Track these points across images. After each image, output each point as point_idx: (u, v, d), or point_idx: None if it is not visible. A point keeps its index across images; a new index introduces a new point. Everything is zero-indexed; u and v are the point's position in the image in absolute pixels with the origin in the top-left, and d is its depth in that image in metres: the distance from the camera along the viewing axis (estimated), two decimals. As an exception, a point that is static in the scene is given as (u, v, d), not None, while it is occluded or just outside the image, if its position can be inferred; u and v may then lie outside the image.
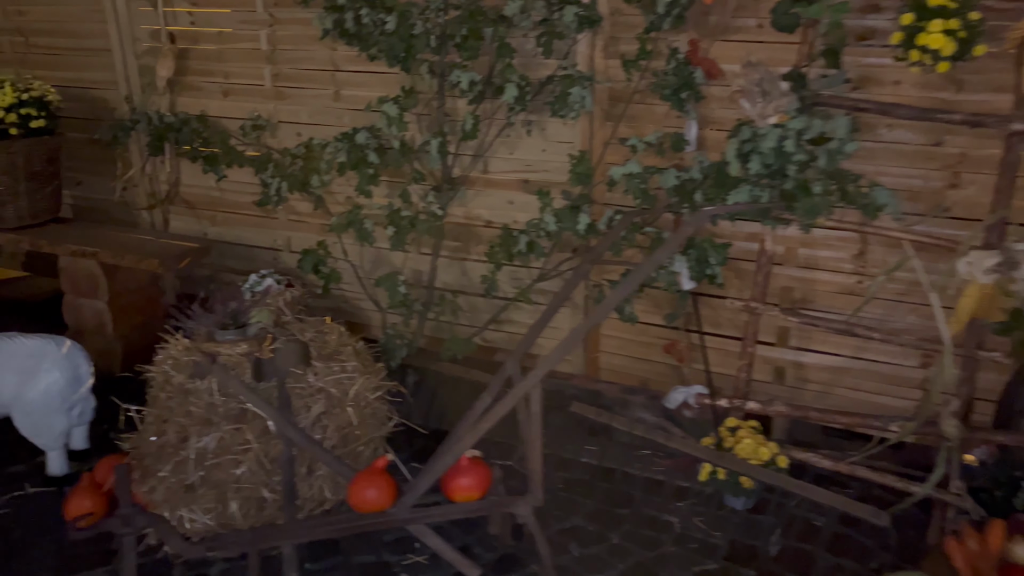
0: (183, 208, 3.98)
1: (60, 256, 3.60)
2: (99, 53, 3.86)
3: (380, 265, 3.59)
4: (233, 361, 2.71)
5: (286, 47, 3.47)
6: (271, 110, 3.58)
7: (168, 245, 3.62)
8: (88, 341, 3.63)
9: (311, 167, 3.43)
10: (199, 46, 3.64)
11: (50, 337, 2.76)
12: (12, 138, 3.57)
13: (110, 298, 3.57)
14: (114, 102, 3.93)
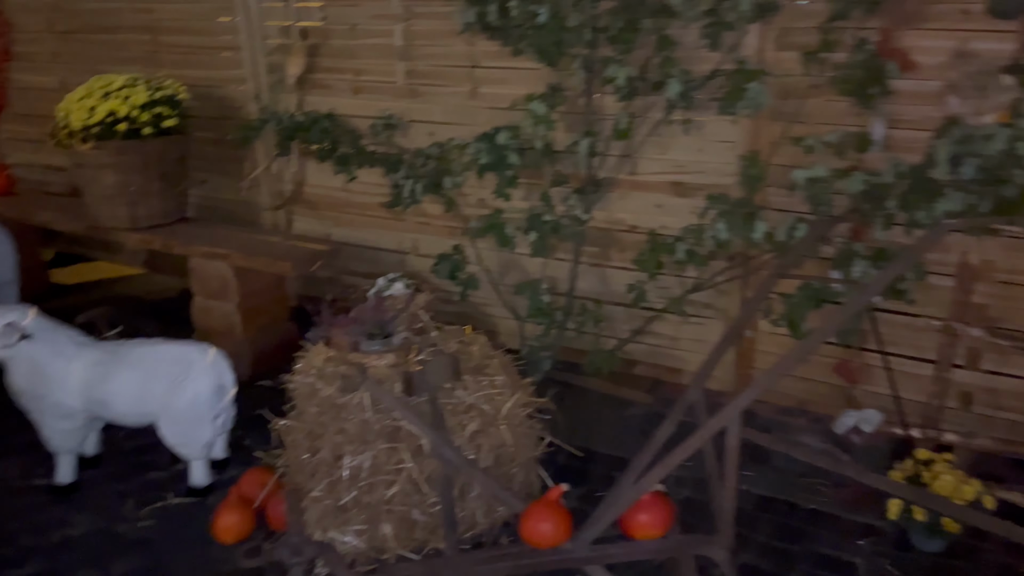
0: (306, 209, 3.90)
1: (191, 258, 3.55)
2: (227, 51, 3.80)
3: (510, 270, 3.43)
4: (380, 374, 2.58)
5: (421, 42, 3.33)
6: (403, 108, 3.45)
7: (297, 247, 3.53)
8: (216, 344, 3.58)
9: (444, 168, 3.29)
10: (330, 42, 3.53)
11: (194, 343, 2.69)
12: (145, 138, 3.54)
13: (239, 300, 3.50)
14: (240, 100, 3.87)
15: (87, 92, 3.51)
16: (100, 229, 3.76)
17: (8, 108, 4.75)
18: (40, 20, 4.37)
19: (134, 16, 4.02)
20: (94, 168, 3.56)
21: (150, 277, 4.83)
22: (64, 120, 3.53)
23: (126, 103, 3.47)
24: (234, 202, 4.10)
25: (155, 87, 3.57)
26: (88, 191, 3.66)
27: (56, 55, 4.39)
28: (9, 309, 2.60)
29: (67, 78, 4.42)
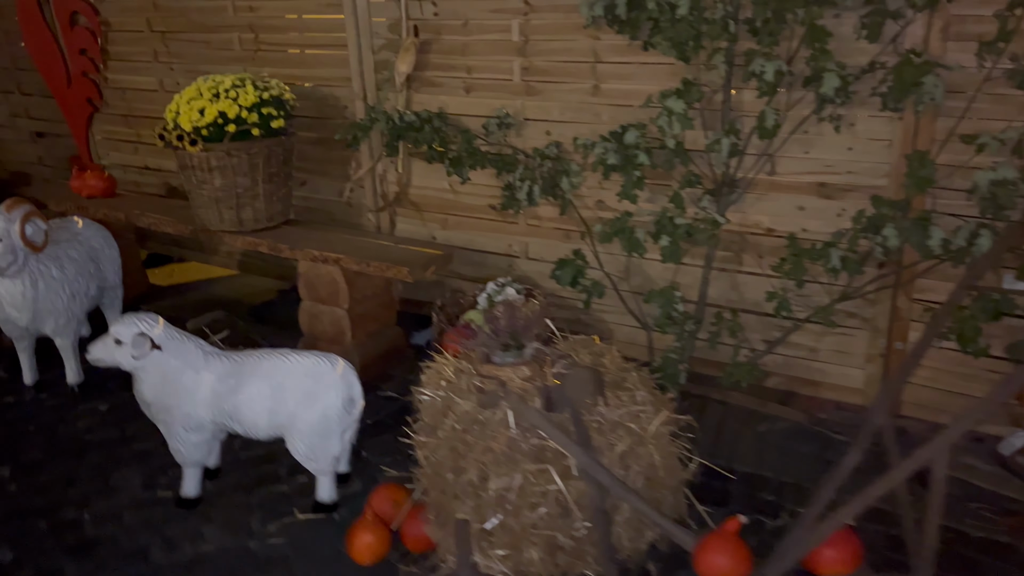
0: (410, 210, 3.80)
1: (300, 261, 3.48)
2: (332, 49, 3.71)
3: (631, 275, 3.28)
4: (515, 388, 2.45)
5: (540, 37, 3.19)
6: (518, 106, 3.32)
7: (410, 251, 3.43)
8: (326, 350, 3.52)
9: (562, 168, 3.15)
10: (441, 38, 3.41)
11: (323, 355, 2.59)
12: (253, 139, 3.47)
13: (350, 306, 3.42)
14: (345, 100, 3.78)
15: (196, 93, 3.45)
16: (206, 232, 3.71)
17: (104, 109, 4.75)
18: (139, 20, 4.34)
19: (237, 15, 3.96)
20: (202, 170, 3.50)
21: (244, 278, 4.80)
22: (173, 121, 3.48)
23: (235, 104, 3.41)
24: (335, 204, 4.02)
25: (263, 87, 3.50)
26: (195, 193, 3.61)
27: (155, 55, 4.37)
28: (139, 318, 2.53)
29: (166, 78, 4.40)
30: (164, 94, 4.44)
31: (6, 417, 3.34)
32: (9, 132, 5.41)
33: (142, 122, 4.64)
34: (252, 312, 4.29)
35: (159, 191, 4.72)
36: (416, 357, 3.78)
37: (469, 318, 3.38)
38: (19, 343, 3.45)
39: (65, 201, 4.24)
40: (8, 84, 5.23)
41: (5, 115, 5.38)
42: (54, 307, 3.29)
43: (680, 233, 2.85)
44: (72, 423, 3.27)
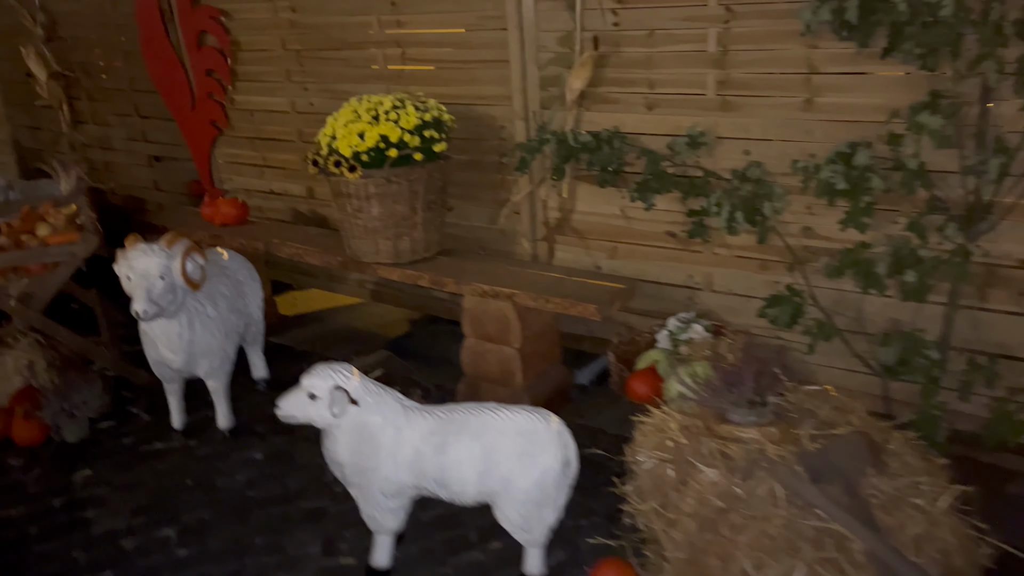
0: (572, 238, 3.49)
1: (466, 297, 3.20)
2: (491, 65, 3.44)
3: (844, 311, 2.91)
4: (770, 454, 2.12)
5: (742, 47, 2.86)
6: (710, 124, 2.99)
7: (585, 284, 3.12)
8: (492, 392, 3.24)
9: (763, 192, 2.82)
10: (621, 51, 3.11)
11: (534, 410, 2.29)
12: (414, 164, 3.22)
13: (521, 344, 3.13)
14: (502, 119, 3.50)
15: (353, 115, 3.21)
16: (358, 264, 3.46)
17: (228, 131, 4.57)
18: (272, 39, 4.14)
19: (383, 31, 3.72)
20: (359, 198, 3.26)
21: (370, 307, 4.56)
22: (328, 146, 3.24)
23: (397, 127, 3.16)
24: (484, 231, 3.74)
25: (423, 108, 3.25)
26: (349, 223, 3.36)
27: (287, 75, 4.16)
28: (333, 369, 2.27)
29: (298, 99, 4.19)
30: (296, 115, 4.23)
31: (158, 467, 3.12)
32: (125, 156, 5.29)
33: (270, 145, 4.44)
34: (392, 346, 4.03)
35: (284, 216, 4.52)
36: (581, 397, 3.48)
37: (653, 359, 3.05)
38: (169, 385, 3.24)
39: (197, 230, 4.05)
40: (126, 107, 5.10)
41: (121, 139, 5.25)
42: (209, 347, 3.07)
43: (927, 267, 2.49)
44: (230, 475, 3.04)
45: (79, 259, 3.50)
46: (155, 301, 2.80)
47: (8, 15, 5.51)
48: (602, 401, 3.41)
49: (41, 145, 5.90)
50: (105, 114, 5.26)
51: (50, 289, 3.49)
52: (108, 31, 4.93)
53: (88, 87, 5.24)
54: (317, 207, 4.38)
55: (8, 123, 6.05)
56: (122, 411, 3.51)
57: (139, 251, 2.80)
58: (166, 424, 3.38)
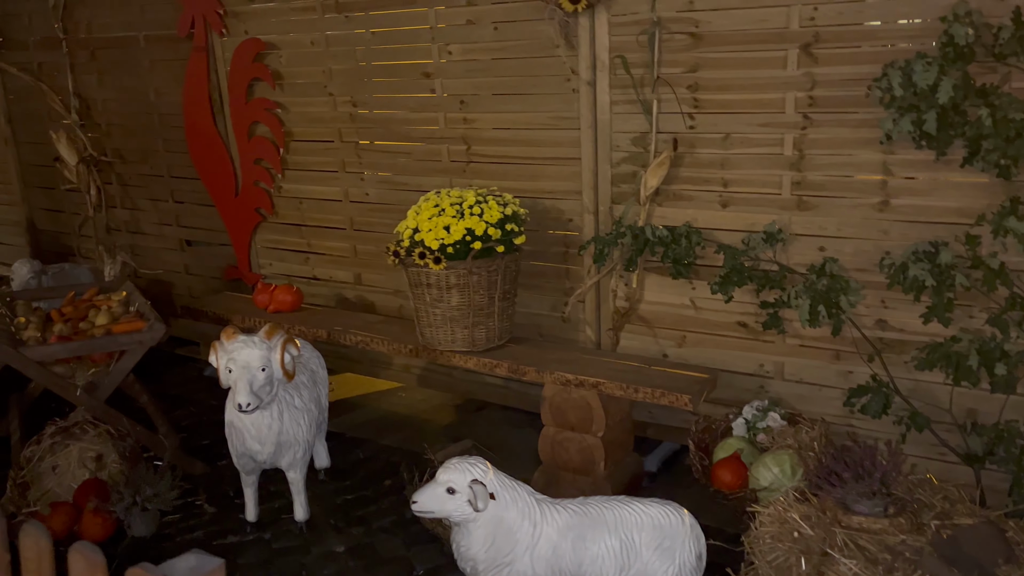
0: (639, 326, 3.59)
1: (547, 385, 3.25)
2: (562, 161, 3.59)
3: (919, 398, 3.04)
4: (880, 543, 2.19)
5: (818, 152, 3.06)
6: (785, 221, 3.16)
7: (668, 374, 3.21)
8: (572, 482, 3.26)
9: (840, 285, 2.98)
10: (695, 152, 3.29)
11: (665, 503, 2.34)
12: (494, 255, 3.31)
13: (604, 433, 3.18)
14: (569, 213, 3.63)
15: (435, 209, 3.31)
16: (432, 352, 3.50)
17: (271, 217, 4.62)
18: (328, 131, 4.25)
19: (449, 127, 3.86)
20: (439, 288, 3.32)
21: (410, 391, 4.57)
22: (410, 238, 3.32)
23: (481, 221, 3.26)
24: (544, 318, 3.82)
25: (503, 202, 3.37)
26: (426, 312, 3.42)
27: (343, 165, 4.26)
28: (470, 463, 2.29)
29: (352, 188, 4.28)
30: (349, 204, 4.31)
31: (238, 561, 3.05)
32: (155, 240, 5.27)
33: (317, 232, 4.50)
34: (447, 433, 4.04)
35: (328, 302, 4.54)
36: (652, 484, 3.52)
37: (734, 447, 3.13)
38: (247, 477, 3.19)
39: (251, 316, 4.05)
40: (162, 192, 5.12)
41: (153, 223, 5.25)
42: (295, 438, 3.05)
43: (1015, 360, 2.64)
44: (316, 570, 2.98)
45: (146, 348, 3.47)
46: (256, 393, 2.80)
47: (33, 100, 5.56)
48: (674, 488, 3.45)
49: (60, 228, 5.85)
50: (137, 198, 5.27)
51: (116, 378, 3.45)
52: (149, 119, 5.00)
53: (121, 172, 5.26)
54: (365, 293, 4.42)
55: (24, 204, 6.00)
56: (184, 503, 3.43)
57: (240, 343, 2.81)
58: (234, 516, 3.32)
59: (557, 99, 3.54)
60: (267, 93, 4.37)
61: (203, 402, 4.61)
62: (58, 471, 3.24)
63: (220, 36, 4.43)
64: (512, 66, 3.62)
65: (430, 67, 3.83)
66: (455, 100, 3.81)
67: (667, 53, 3.24)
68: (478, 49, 3.68)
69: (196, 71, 4.56)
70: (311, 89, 4.25)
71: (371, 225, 4.29)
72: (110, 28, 4.96)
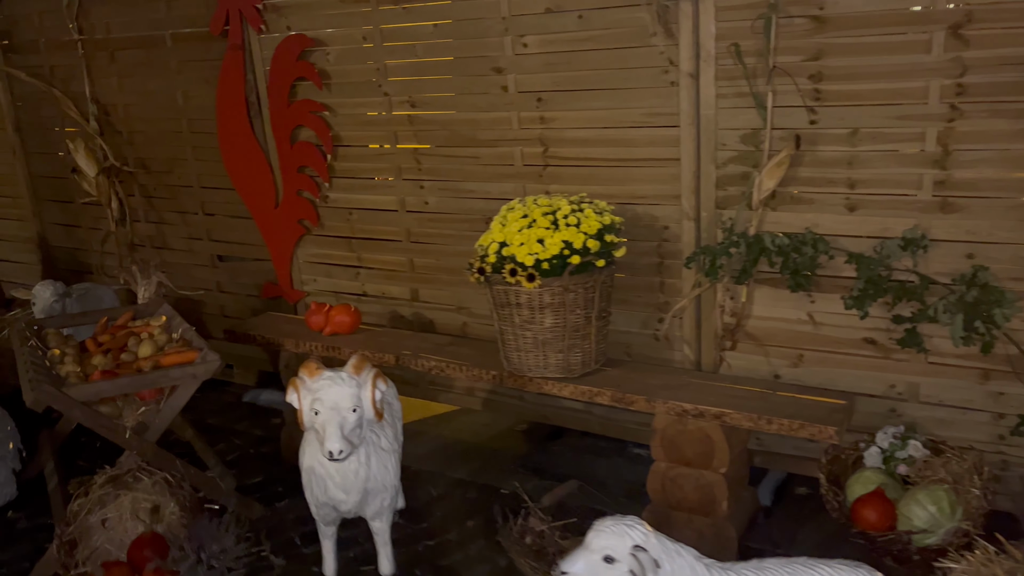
0: (747, 344, 3.24)
1: (659, 415, 2.90)
2: (656, 163, 3.24)
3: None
4: None
5: (968, 146, 2.71)
6: (924, 225, 2.82)
7: (796, 401, 2.86)
8: (688, 523, 2.92)
9: (991, 298, 2.63)
10: (816, 149, 2.94)
11: (854, 565, 1.99)
12: (591, 271, 2.96)
13: (727, 470, 2.83)
14: (664, 219, 3.28)
15: (524, 221, 2.95)
16: (519, 379, 3.14)
17: (315, 230, 4.24)
18: (383, 135, 3.88)
19: (522, 128, 3.49)
20: (531, 309, 2.97)
21: (469, 416, 4.21)
22: (496, 254, 2.96)
23: (579, 232, 2.91)
24: (634, 336, 3.46)
25: (599, 210, 3.01)
26: (514, 335, 3.06)
27: (399, 172, 3.89)
28: (627, 525, 1.94)
29: (410, 197, 3.91)
30: (406, 215, 3.94)
31: (324, 627, 2.68)
32: (183, 256, 4.88)
33: (368, 245, 4.13)
34: (523, 464, 3.68)
35: (381, 321, 4.16)
36: (765, 520, 3.17)
37: (873, 481, 2.78)
38: (326, 528, 2.83)
39: (306, 340, 3.68)
40: (191, 204, 4.73)
41: (181, 237, 4.86)
42: (383, 484, 2.69)
43: None
44: (414, 634, 2.63)
45: (199, 382, 3.10)
46: (348, 438, 2.43)
47: (44, 107, 5.16)
48: (789, 524, 3.12)
49: (76, 244, 5.45)
50: (162, 211, 4.88)
51: (166, 418, 3.08)
52: (176, 125, 4.61)
53: (145, 183, 4.87)
54: (423, 310, 4.05)
55: (36, 219, 5.60)
56: (247, 554, 3.05)
57: (327, 380, 2.45)
58: (307, 570, 2.97)
59: (652, 94, 3.18)
60: (312, 94, 3.99)
61: (246, 432, 4.24)
62: (108, 525, 2.86)
63: (258, 33, 4.05)
64: (599, 58, 3.26)
65: (502, 61, 3.46)
66: (530, 98, 3.44)
67: (785, 40, 2.89)
68: (559, 40, 3.32)
69: (231, 71, 4.17)
70: (363, 89, 3.87)
71: (430, 237, 3.92)
72: (132, 27, 4.57)
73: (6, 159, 5.55)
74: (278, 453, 3.91)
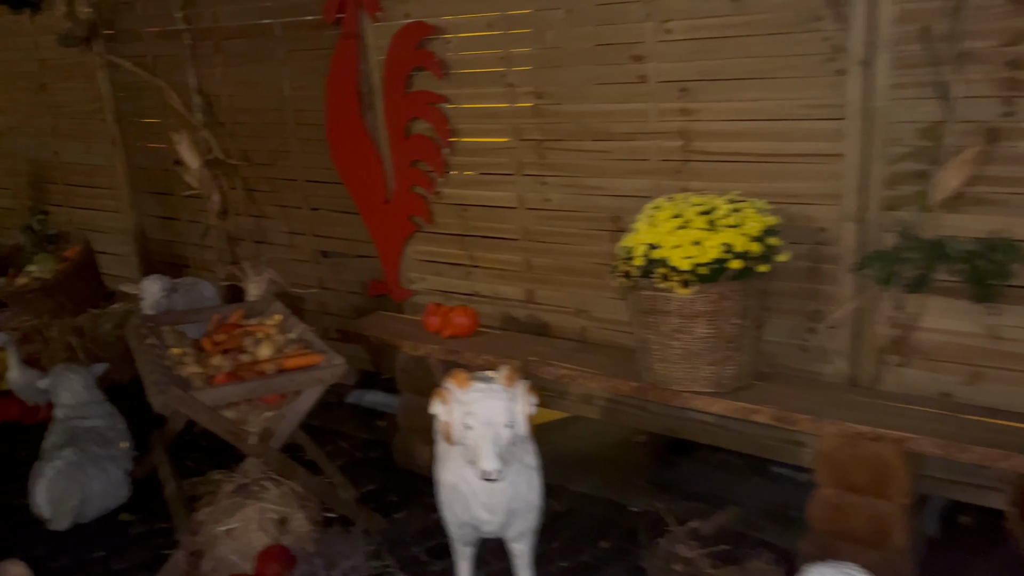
0: (916, 359, 2.95)
1: (825, 437, 2.64)
2: (814, 159, 2.97)
3: None
4: None
5: None
6: None
7: (989, 425, 2.57)
8: (857, 556, 2.64)
9: None
10: (1010, 144, 2.63)
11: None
12: (751, 276, 2.71)
13: (903, 499, 2.55)
14: (821, 220, 3.00)
15: (678, 220, 2.72)
16: (662, 392, 2.91)
17: (428, 227, 4.07)
18: (503, 127, 3.68)
19: (662, 120, 3.25)
20: (682, 317, 2.73)
21: (576, 423, 3.98)
22: (644, 256, 2.73)
23: (740, 234, 2.66)
24: (780, 347, 3.18)
25: (760, 211, 2.76)
26: (660, 344, 2.83)
27: (519, 167, 3.69)
28: (840, 572, 1.69)
29: (529, 194, 3.70)
30: (525, 212, 3.74)
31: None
32: (284, 251, 4.78)
33: (481, 243, 3.94)
34: (651, 479, 3.45)
35: (492, 322, 3.97)
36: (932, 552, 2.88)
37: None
38: (464, 548, 2.65)
39: (423, 343, 3.51)
40: (294, 198, 4.62)
41: (283, 232, 4.76)
42: (530, 503, 2.50)
43: None
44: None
45: (325, 386, 2.95)
46: (502, 455, 2.24)
47: (146, 98, 5.11)
48: (963, 557, 2.83)
49: (173, 236, 5.41)
50: (263, 205, 4.78)
51: (290, 424, 2.94)
52: (281, 116, 4.50)
53: (247, 176, 4.78)
54: (538, 312, 3.84)
55: (134, 211, 5.57)
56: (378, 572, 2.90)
57: (480, 393, 2.26)
58: (439, 592, 2.79)
59: (813, 83, 2.90)
60: (430, 84, 3.81)
61: (351, 435, 4.11)
62: (234, 535, 2.73)
63: (374, 20, 3.89)
64: (753, 44, 2.99)
65: (642, 49, 3.23)
66: (672, 88, 3.20)
67: (976, 23, 2.59)
68: (708, 26, 3.07)
69: (343, 61, 4.03)
70: (484, 79, 3.67)
71: (550, 235, 3.71)
72: (241, 15, 4.47)
73: (105, 150, 5.54)
74: (389, 458, 3.76)
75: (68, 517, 3.21)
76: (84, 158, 5.75)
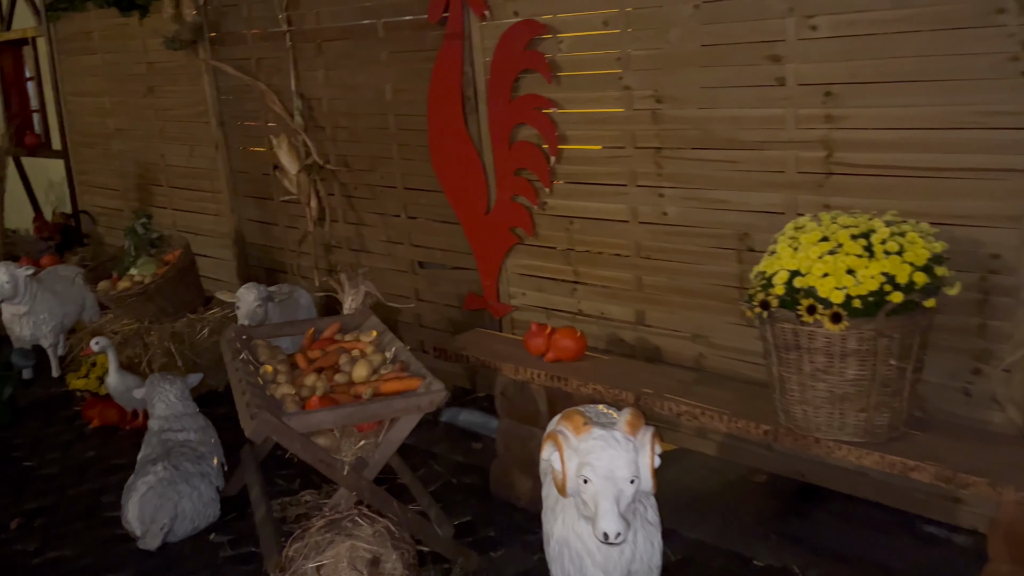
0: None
1: (1004, 503, 2.24)
2: (986, 173, 2.56)
3: None
4: None
5: None
6: None
7: None
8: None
9: None
10: None
11: None
12: (914, 310, 2.33)
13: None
14: (994, 245, 2.59)
15: (829, 243, 2.36)
16: (800, 439, 2.55)
17: (530, 239, 3.82)
18: (618, 134, 3.40)
19: (800, 128, 2.90)
20: (828, 355, 2.37)
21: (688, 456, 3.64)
22: (785, 284, 2.39)
23: (903, 262, 2.29)
24: (933, 388, 2.78)
25: (924, 235, 2.38)
26: (802, 385, 2.47)
27: (633, 177, 3.39)
28: None
29: (644, 207, 3.40)
30: (637, 226, 3.44)
31: None
32: (381, 260, 4.62)
33: (589, 259, 3.65)
34: (775, 529, 3.08)
35: (598, 344, 3.68)
36: None
37: None
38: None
39: (525, 366, 3.25)
40: (392, 206, 4.46)
41: (380, 240, 4.60)
42: (649, 566, 2.18)
43: None
44: None
45: (423, 414, 2.73)
46: (624, 515, 1.95)
47: (248, 102, 5.05)
48: None
49: (271, 242, 5.34)
50: (362, 212, 4.64)
51: (385, 454, 2.74)
52: (382, 121, 4.34)
53: (346, 182, 4.65)
54: (648, 335, 3.54)
55: (234, 215, 5.55)
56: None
57: (599, 441, 1.97)
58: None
59: (991, 87, 2.50)
60: (539, 88, 3.56)
61: (445, 457, 3.88)
62: (324, 572, 2.54)
63: (480, 20, 3.67)
64: (916, 42, 2.61)
65: (781, 48, 2.88)
66: (815, 91, 2.84)
67: None
68: (862, 21, 2.70)
69: (447, 63, 3.83)
70: (598, 82, 3.39)
71: (665, 252, 3.40)
72: (343, 16, 4.34)
73: (209, 154, 5.54)
74: (485, 486, 3.51)
75: (159, 537, 3.11)
76: (188, 161, 5.77)
